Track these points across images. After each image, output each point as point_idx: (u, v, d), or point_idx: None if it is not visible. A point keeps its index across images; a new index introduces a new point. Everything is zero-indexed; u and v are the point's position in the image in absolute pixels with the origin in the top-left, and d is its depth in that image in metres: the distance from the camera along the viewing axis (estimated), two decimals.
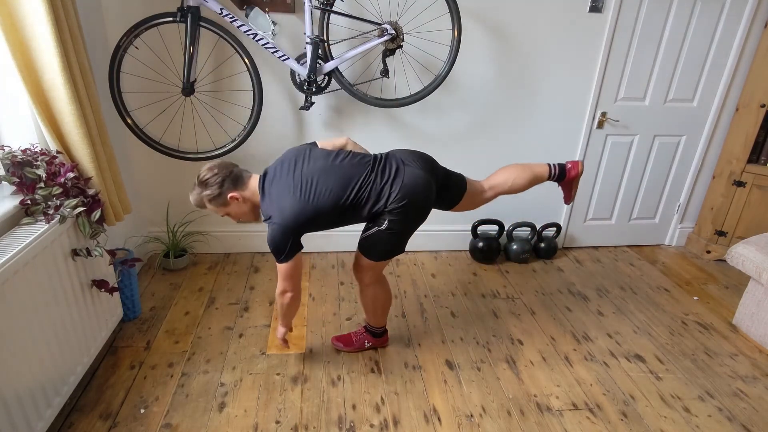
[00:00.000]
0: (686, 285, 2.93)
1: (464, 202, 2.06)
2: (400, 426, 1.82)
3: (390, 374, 2.07)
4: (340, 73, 2.45)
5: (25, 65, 1.63)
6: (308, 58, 2.34)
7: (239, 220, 1.88)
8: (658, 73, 2.87)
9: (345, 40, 2.50)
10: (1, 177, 1.60)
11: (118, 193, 2.06)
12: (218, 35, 2.31)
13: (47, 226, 1.57)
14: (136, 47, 2.37)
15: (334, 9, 2.30)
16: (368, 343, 2.19)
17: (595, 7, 2.65)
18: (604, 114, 2.94)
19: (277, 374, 2.04)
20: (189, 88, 2.35)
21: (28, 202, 1.60)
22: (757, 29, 2.84)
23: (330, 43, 2.38)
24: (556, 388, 2.04)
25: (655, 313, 2.62)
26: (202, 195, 1.76)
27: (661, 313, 2.63)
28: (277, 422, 1.80)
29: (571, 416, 1.90)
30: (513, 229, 3.11)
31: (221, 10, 2.22)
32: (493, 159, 2.96)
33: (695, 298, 2.79)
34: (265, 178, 1.79)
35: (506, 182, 2.07)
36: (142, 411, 1.82)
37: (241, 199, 1.78)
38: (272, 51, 2.31)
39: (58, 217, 1.63)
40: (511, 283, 2.85)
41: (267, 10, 2.40)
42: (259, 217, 1.86)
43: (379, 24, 2.34)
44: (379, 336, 2.19)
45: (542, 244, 3.14)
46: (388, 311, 2.14)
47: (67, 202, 1.67)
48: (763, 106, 2.85)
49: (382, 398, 1.94)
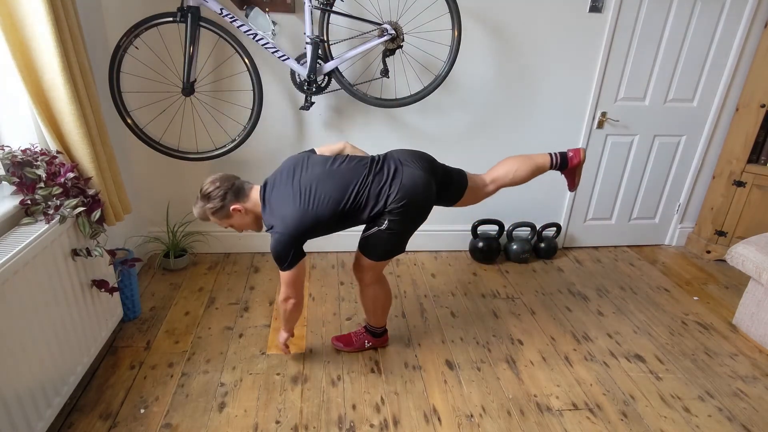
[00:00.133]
0: (686, 285, 2.93)
1: (466, 197, 2.05)
2: (400, 426, 1.82)
3: (390, 374, 2.07)
4: (340, 73, 2.45)
5: (25, 65, 1.63)
6: (308, 58, 2.34)
7: (243, 231, 1.90)
8: (658, 73, 2.87)
9: (345, 40, 2.50)
10: (1, 177, 1.60)
11: (118, 193, 2.06)
12: (218, 35, 2.31)
13: (47, 226, 1.57)
14: (136, 47, 2.37)
15: (334, 9, 2.30)
16: (368, 343, 2.19)
17: (595, 7, 2.65)
18: (604, 114, 2.94)
19: (277, 374, 2.04)
20: (189, 88, 2.35)
21: (28, 202, 1.60)
22: (757, 29, 2.84)
23: (330, 43, 2.38)
24: (556, 388, 2.04)
25: (655, 313, 2.62)
26: (205, 208, 1.79)
27: (661, 313, 2.63)
28: (277, 422, 1.80)
29: (571, 416, 1.90)
30: (513, 229, 3.11)
31: (221, 10, 2.22)
32: (494, 159, 2.93)
33: (695, 298, 2.79)
34: (266, 188, 1.81)
35: (507, 174, 2.06)
36: (142, 411, 1.82)
37: (243, 211, 1.80)
38: (272, 51, 2.31)
39: (58, 217, 1.63)
40: (511, 283, 2.85)
41: (267, 10, 2.40)
42: (262, 228, 1.87)
43: (379, 24, 2.34)
44: (379, 336, 2.19)
45: (542, 244, 3.14)
46: (388, 311, 2.14)
47: (67, 202, 1.67)
48: (763, 106, 2.85)
49: (382, 398, 1.94)
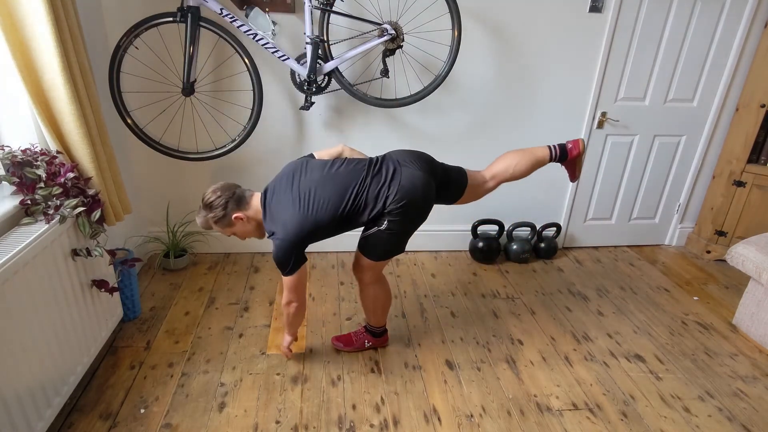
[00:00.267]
0: (686, 285, 2.93)
1: (467, 195, 2.05)
2: (400, 426, 1.82)
3: (390, 374, 2.07)
4: (340, 73, 2.45)
5: (25, 65, 1.63)
6: (308, 58, 2.34)
7: (246, 239, 1.91)
8: (658, 73, 2.87)
9: (345, 40, 2.50)
10: (1, 177, 1.60)
11: (118, 193, 2.06)
12: (218, 35, 2.31)
13: (47, 226, 1.57)
14: (136, 47, 2.36)
15: (334, 9, 2.29)
16: (368, 343, 2.19)
17: (595, 7, 2.65)
18: (604, 114, 2.94)
19: (277, 374, 2.04)
20: (189, 88, 2.35)
21: (28, 202, 1.60)
22: (757, 29, 2.84)
23: (330, 43, 2.38)
24: (556, 388, 2.04)
25: (655, 313, 2.62)
26: (207, 217, 1.81)
27: (661, 313, 2.63)
28: (277, 422, 1.80)
29: (571, 416, 1.90)
30: (513, 229, 3.11)
31: (221, 10, 2.22)
32: (494, 158, 2.96)
33: (695, 298, 2.79)
34: (266, 195, 1.82)
35: (507, 169, 2.05)
36: (142, 411, 1.82)
37: (245, 219, 1.81)
38: (272, 51, 2.31)
39: (58, 217, 1.63)
40: (511, 283, 2.85)
41: (267, 10, 2.40)
42: (264, 235, 1.88)
43: (379, 24, 2.34)
44: (379, 336, 2.19)
45: (542, 244, 3.14)
46: (388, 311, 2.14)
47: (67, 202, 1.67)
48: (763, 106, 2.85)
49: (382, 398, 1.94)
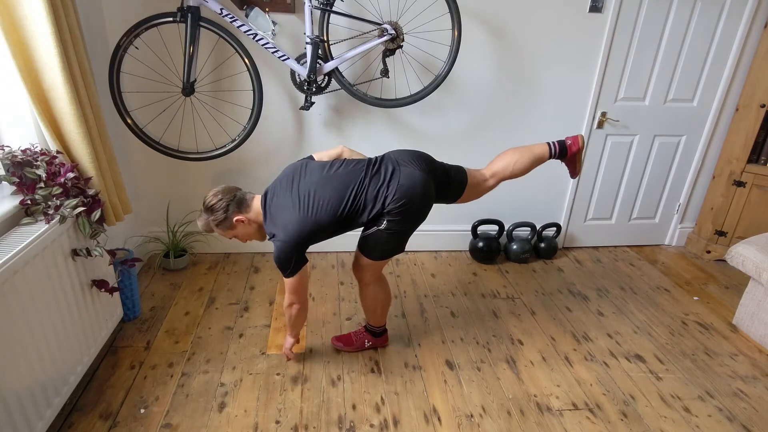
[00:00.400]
0: (686, 285, 2.93)
1: (467, 193, 2.05)
2: (400, 426, 1.82)
3: (390, 374, 2.07)
4: (340, 73, 2.45)
5: (25, 65, 1.63)
6: (308, 58, 2.34)
7: (247, 241, 1.91)
8: (658, 73, 2.87)
9: (345, 40, 2.50)
10: (1, 177, 1.60)
11: (118, 193, 2.06)
12: (218, 35, 2.31)
13: (47, 226, 1.57)
14: (136, 47, 2.37)
15: (334, 9, 2.29)
16: (368, 343, 2.19)
17: (595, 7, 2.65)
18: (604, 114, 2.94)
19: (277, 374, 2.04)
20: (189, 88, 2.35)
21: (28, 202, 1.60)
22: (757, 29, 2.84)
23: (330, 43, 2.38)
24: (556, 388, 2.04)
25: (655, 313, 2.62)
26: (209, 221, 1.81)
27: (661, 313, 2.63)
28: (277, 422, 1.80)
29: (571, 416, 1.90)
30: (513, 229, 3.11)
31: (221, 10, 2.22)
32: (493, 158, 2.96)
33: (695, 298, 2.79)
34: (266, 197, 1.82)
35: (507, 167, 2.05)
36: (142, 411, 1.82)
37: (246, 221, 1.82)
38: (272, 51, 2.31)
39: (58, 217, 1.63)
40: (511, 283, 2.85)
41: (267, 10, 2.40)
42: (265, 237, 1.89)
43: (379, 24, 2.34)
44: (378, 335, 2.19)
45: (542, 244, 3.14)
46: (388, 310, 2.14)
47: (67, 202, 1.67)
48: (763, 106, 2.85)
49: (382, 398, 1.94)
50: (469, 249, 3.13)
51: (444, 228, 3.13)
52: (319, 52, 2.35)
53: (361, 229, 1.86)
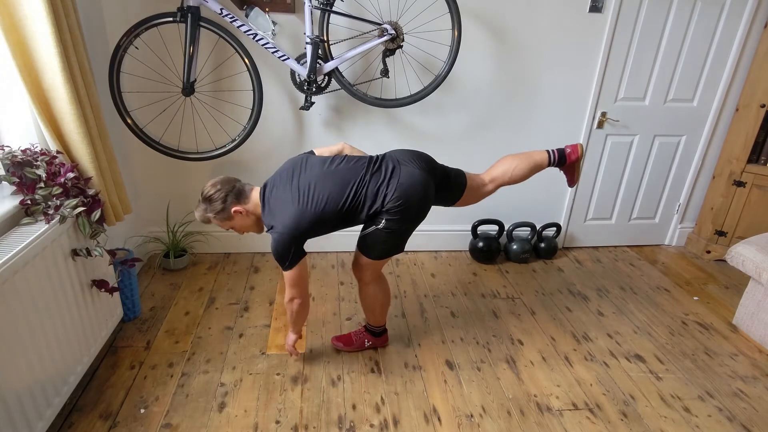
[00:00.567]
0: (686, 285, 2.93)
1: (466, 197, 2.06)
2: (400, 426, 1.82)
3: (390, 374, 2.07)
4: (340, 73, 2.45)
5: (25, 65, 1.63)
6: (308, 58, 2.34)
7: (244, 233, 1.91)
8: (658, 73, 2.87)
9: (345, 40, 2.50)
10: (1, 177, 1.60)
11: (118, 193, 2.06)
12: (218, 35, 2.31)
13: (47, 226, 1.57)
14: (136, 47, 2.37)
15: (334, 9, 2.29)
16: (368, 342, 2.19)
17: (595, 7, 2.65)
18: (604, 114, 2.94)
19: (277, 374, 2.04)
20: (189, 88, 2.35)
21: (28, 202, 1.60)
22: (757, 29, 2.84)
23: (330, 43, 2.38)
24: (556, 388, 2.04)
25: (655, 313, 2.62)
26: (206, 211, 1.80)
27: (661, 313, 2.63)
28: (277, 422, 1.80)
29: (571, 416, 1.90)
30: (513, 229, 3.11)
31: (221, 10, 2.22)
32: (494, 159, 2.92)
33: (695, 298, 2.79)
34: (265, 189, 1.82)
35: (506, 173, 2.06)
36: (142, 411, 1.82)
37: (244, 213, 1.81)
38: (272, 51, 2.31)
39: (58, 217, 1.63)
40: (511, 283, 2.85)
41: (267, 10, 2.40)
42: (262, 230, 1.89)
43: (379, 24, 2.34)
44: (378, 335, 2.19)
45: (542, 244, 3.14)
46: (388, 310, 2.14)
47: (67, 202, 1.67)
48: (763, 106, 2.85)
49: (382, 398, 1.94)
50: (469, 249, 3.13)
51: (444, 228, 3.13)
52: (319, 52, 2.35)
53: (361, 228, 1.86)
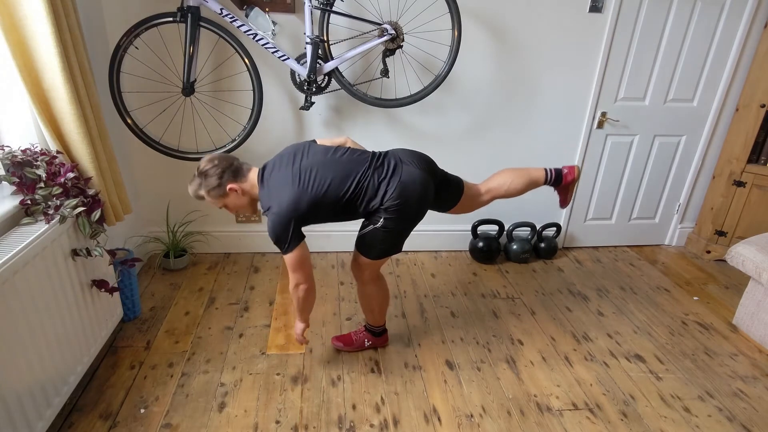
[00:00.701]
0: (686, 285, 2.93)
1: (461, 204, 2.08)
2: (400, 426, 1.82)
3: (390, 374, 2.07)
4: (340, 73, 2.45)
5: (25, 65, 1.63)
6: (308, 58, 2.34)
7: (237, 213, 1.88)
8: (658, 73, 2.87)
9: (345, 40, 2.50)
10: (1, 177, 1.60)
11: (118, 193, 2.06)
12: (218, 35, 2.31)
13: (47, 226, 1.57)
14: (136, 47, 2.37)
15: (334, 9, 2.29)
16: (368, 342, 2.19)
17: (595, 7, 2.65)
18: (604, 114, 2.94)
19: (277, 374, 2.04)
20: (189, 88, 2.35)
21: (28, 202, 1.60)
22: (757, 29, 2.84)
23: (330, 43, 2.38)
24: (556, 388, 2.04)
25: (655, 313, 2.62)
26: (201, 186, 1.76)
27: (661, 313, 2.63)
28: (277, 422, 1.80)
29: (571, 416, 1.90)
30: (513, 229, 3.11)
31: (221, 10, 2.22)
32: (493, 159, 2.97)
33: (695, 298, 2.79)
34: (264, 171, 1.80)
35: (502, 186, 2.09)
36: (142, 411, 1.82)
37: (240, 191, 1.78)
38: (272, 51, 2.31)
39: (58, 217, 1.63)
40: (511, 283, 2.85)
41: (267, 10, 2.40)
42: (256, 211, 1.87)
43: (379, 24, 2.34)
44: (378, 335, 2.19)
45: (542, 244, 3.14)
46: (387, 310, 2.14)
47: (67, 202, 1.67)
48: (763, 106, 2.85)
49: (382, 398, 1.94)
50: (469, 249, 3.13)
51: (444, 228, 3.13)
52: (319, 52, 2.35)
53: (359, 228, 1.86)
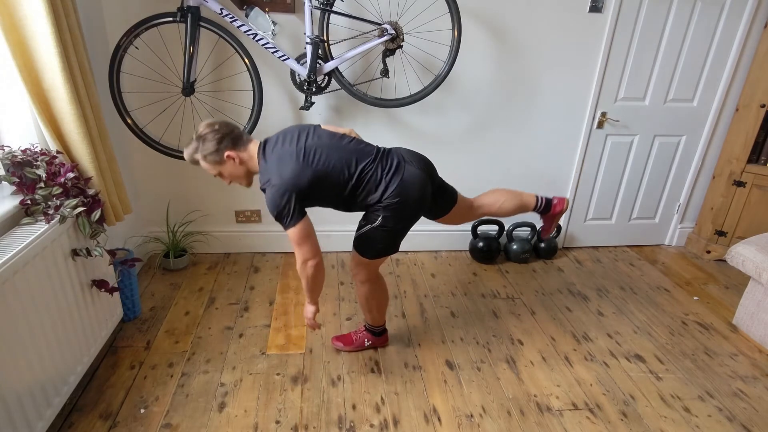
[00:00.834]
0: (686, 285, 2.93)
1: (452, 214, 2.10)
2: (400, 426, 1.82)
3: (390, 374, 2.07)
4: (340, 73, 2.45)
5: (25, 65, 1.64)
6: (308, 58, 2.34)
7: (231, 183, 1.84)
8: (658, 73, 2.87)
9: (345, 40, 2.50)
10: (1, 177, 1.60)
11: (118, 193, 2.06)
12: (218, 35, 2.31)
13: (47, 226, 1.58)
14: (136, 47, 2.37)
15: (334, 9, 2.29)
16: (368, 342, 2.19)
17: (595, 7, 2.65)
18: (604, 114, 2.94)
19: (277, 374, 2.04)
20: (189, 88, 2.35)
21: (28, 202, 1.60)
22: (757, 29, 2.84)
23: (330, 43, 2.38)
24: (556, 388, 2.04)
25: (655, 313, 2.62)
26: (197, 150, 1.72)
27: (661, 313, 2.63)
28: (277, 422, 1.80)
29: (571, 416, 1.90)
30: (513, 229, 3.11)
31: (221, 10, 2.22)
32: (493, 158, 2.97)
33: (695, 298, 2.79)
34: (266, 145, 1.77)
35: (494, 204, 2.14)
36: (142, 411, 1.82)
37: (237, 160, 1.74)
38: (272, 51, 2.31)
39: (58, 217, 1.63)
40: (511, 283, 2.85)
41: (267, 10, 2.40)
42: (251, 183, 1.85)
43: (379, 24, 2.34)
44: (378, 335, 2.19)
45: (542, 244, 3.14)
46: (386, 310, 2.14)
47: (67, 202, 1.67)
48: (763, 106, 2.85)
49: (382, 398, 1.94)
50: (469, 249, 3.13)
51: (444, 228, 3.13)
52: (319, 52, 2.35)
53: (356, 227, 1.86)
